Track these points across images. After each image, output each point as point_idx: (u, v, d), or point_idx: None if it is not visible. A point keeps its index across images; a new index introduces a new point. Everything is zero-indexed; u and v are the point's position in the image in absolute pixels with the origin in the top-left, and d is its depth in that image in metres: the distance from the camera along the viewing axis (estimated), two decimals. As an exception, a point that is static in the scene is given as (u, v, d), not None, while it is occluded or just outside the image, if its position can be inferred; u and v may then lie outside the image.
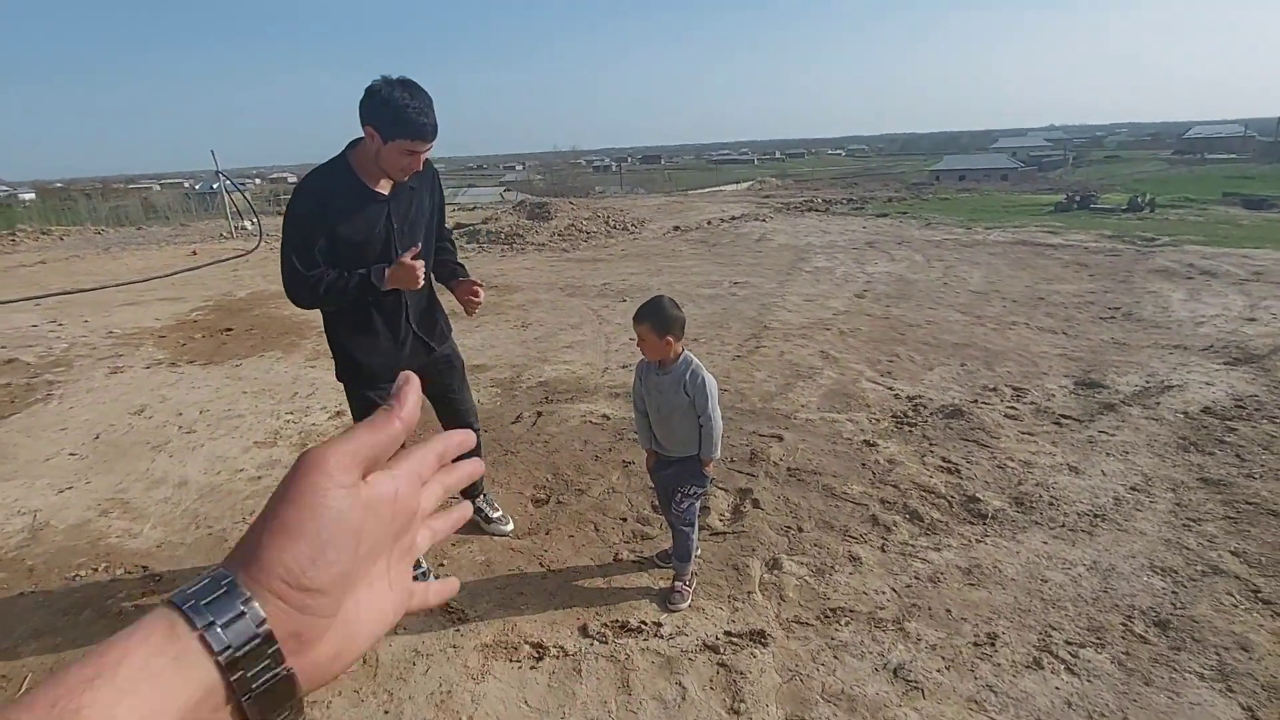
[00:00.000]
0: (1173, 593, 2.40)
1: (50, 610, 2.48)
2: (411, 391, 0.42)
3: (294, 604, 0.34)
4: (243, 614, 0.32)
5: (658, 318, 2.19)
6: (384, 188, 2.19)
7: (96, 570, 2.72)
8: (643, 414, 2.38)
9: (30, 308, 7.35)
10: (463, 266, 2.55)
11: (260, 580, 0.33)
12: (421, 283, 2.23)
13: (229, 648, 0.32)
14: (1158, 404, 3.95)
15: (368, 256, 2.20)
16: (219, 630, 0.32)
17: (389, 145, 2.02)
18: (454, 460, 0.45)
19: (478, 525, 2.89)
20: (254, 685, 0.32)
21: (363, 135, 2.06)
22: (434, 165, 2.38)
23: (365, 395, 2.38)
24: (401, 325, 2.37)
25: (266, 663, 0.33)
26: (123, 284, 8.56)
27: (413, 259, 2.17)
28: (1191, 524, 2.79)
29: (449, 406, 2.65)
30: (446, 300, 2.57)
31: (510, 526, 2.91)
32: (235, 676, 0.32)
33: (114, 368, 5.27)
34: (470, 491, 2.87)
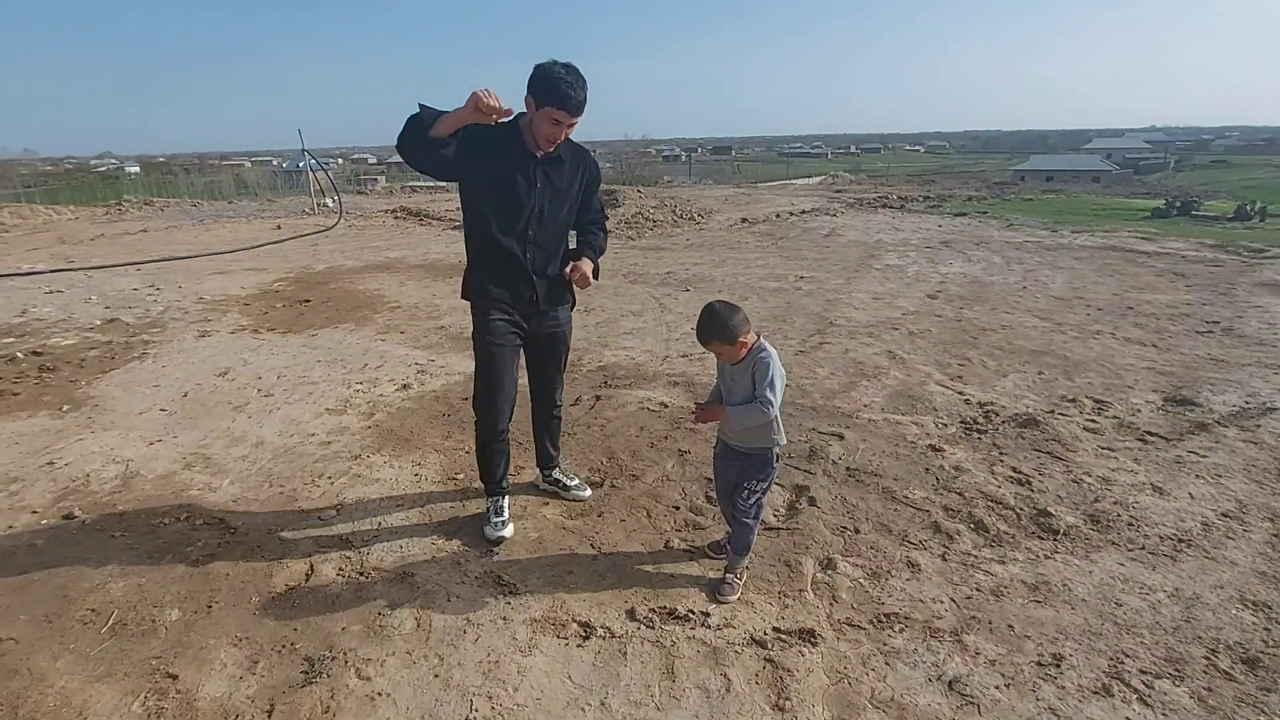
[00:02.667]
0: (1265, 629, 2.22)
1: (136, 553, 2.66)
2: None
3: None
4: None
5: (722, 331, 2.14)
6: (538, 152, 2.43)
7: (179, 519, 2.90)
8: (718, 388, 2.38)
9: (132, 272, 7.89)
10: (595, 248, 2.71)
11: None
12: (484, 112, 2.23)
13: None
14: (1258, 426, 3.66)
15: (504, 189, 2.43)
16: None
17: (540, 112, 2.28)
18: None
19: (557, 493, 3.04)
20: None
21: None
22: (592, 155, 2.64)
23: (488, 315, 2.58)
24: (529, 281, 2.58)
25: None
26: (213, 254, 9.08)
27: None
28: (1290, 557, 2.58)
29: (543, 380, 2.87)
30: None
31: (589, 492, 3.05)
32: None
33: (202, 331, 5.60)
34: (546, 463, 3.02)
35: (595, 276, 2.64)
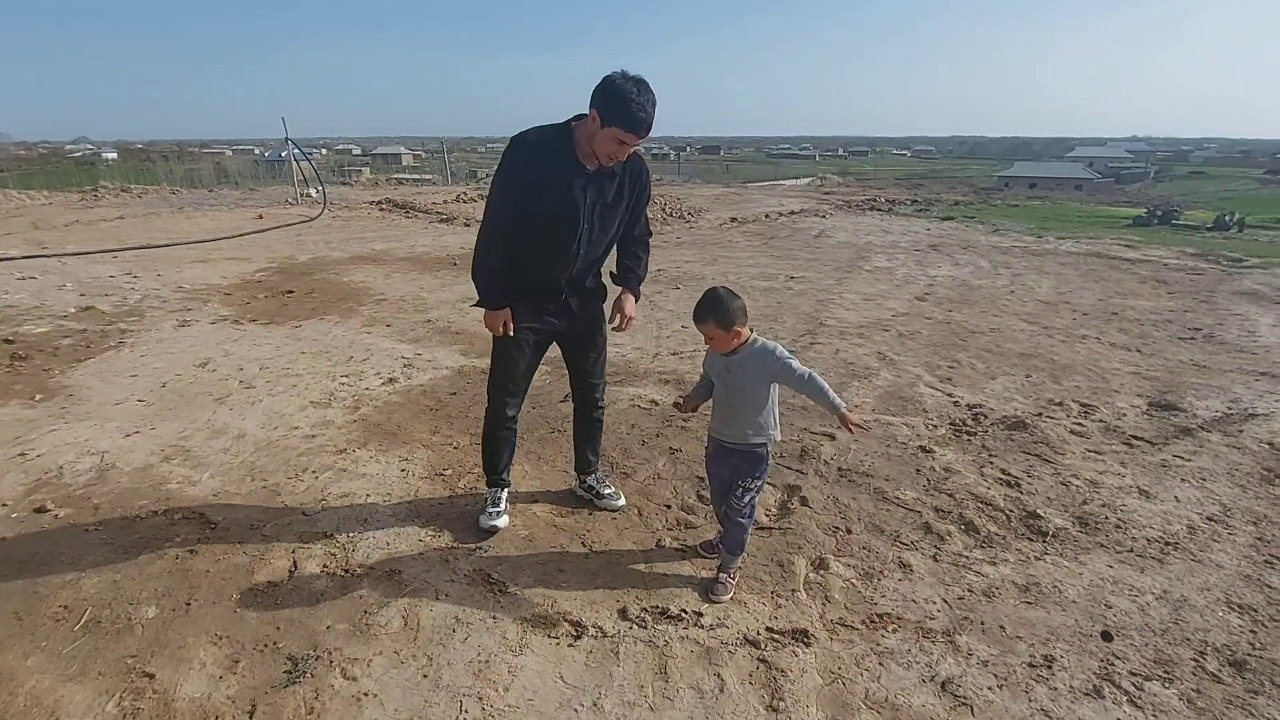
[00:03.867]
0: (1251, 632, 2.24)
1: (112, 548, 2.58)
2: None
3: None
4: None
5: (720, 312, 2.14)
6: (591, 166, 2.29)
7: (156, 514, 2.82)
8: (707, 380, 2.36)
9: (109, 260, 7.71)
10: (637, 278, 2.63)
11: None
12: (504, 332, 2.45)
13: None
14: (1240, 431, 3.70)
15: (555, 220, 2.31)
16: None
17: (605, 130, 2.14)
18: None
19: (590, 501, 2.93)
20: None
21: (587, 114, 2.19)
22: (645, 163, 2.49)
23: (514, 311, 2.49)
24: (561, 298, 2.51)
25: None
26: (194, 242, 8.90)
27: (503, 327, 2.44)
28: (1275, 561, 2.60)
29: (581, 376, 2.76)
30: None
31: (622, 502, 2.92)
32: None
33: (182, 321, 5.48)
34: (584, 468, 2.93)
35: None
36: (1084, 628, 2.25)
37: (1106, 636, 2.21)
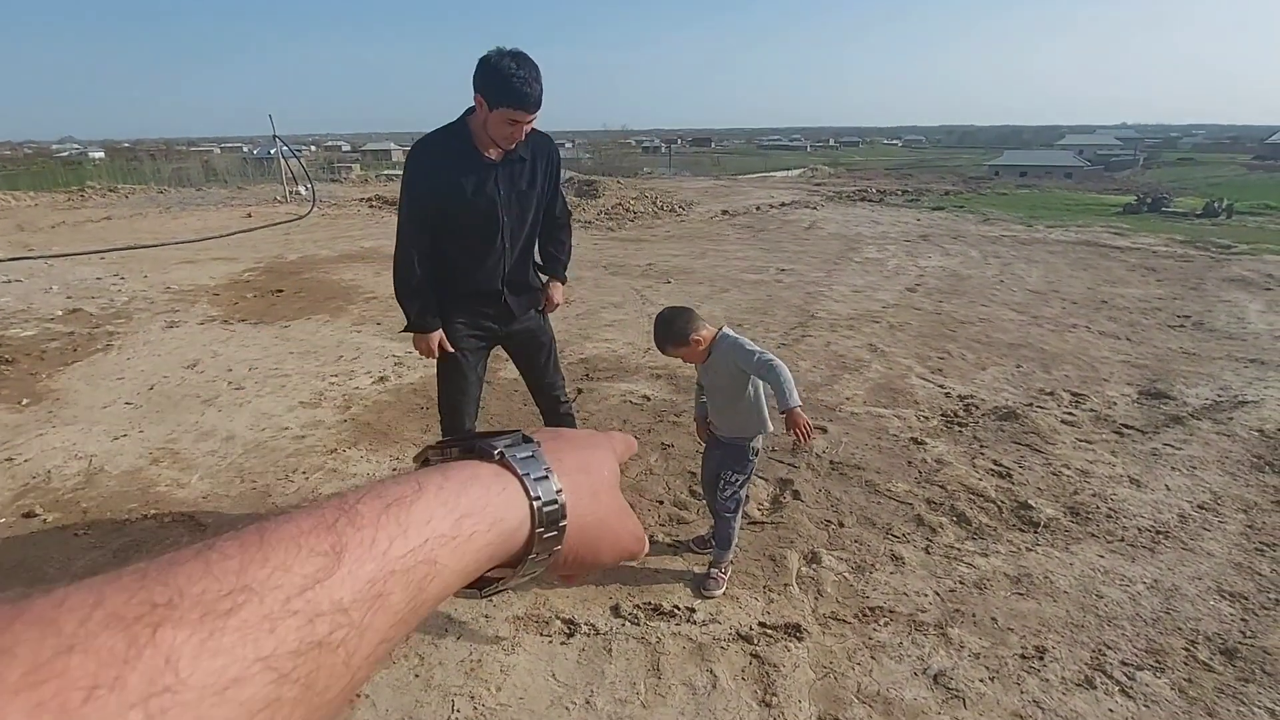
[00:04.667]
0: (1242, 620, 2.25)
1: (101, 551, 2.56)
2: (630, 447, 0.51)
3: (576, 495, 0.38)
4: (547, 477, 0.37)
5: (670, 333, 2.16)
6: (495, 155, 2.22)
7: (146, 517, 2.79)
8: (701, 387, 2.38)
9: (96, 261, 7.63)
10: (561, 264, 2.60)
11: (556, 468, 0.38)
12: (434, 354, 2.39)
13: (539, 499, 0.36)
14: (1230, 419, 3.72)
15: (473, 218, 2.26)
16: (534, 481, 0.36)
17: (494, 113, 2.06)
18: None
19: None
20: (544, 539, 0.36)
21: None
22: (553, 141, 2.41)
23: (449, 324, 2.41)
24: (500, 299, 2.43)
25: (555, 529, 0.36)
26: (181, 242, 8.82)
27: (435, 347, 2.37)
28: (1265, 548, 2.62)
29: (536, 378, 2.69)
30: None
31: None
32: (537, 526, 0.36)
33: (170, 322, 5.43)
34: None
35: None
36: (1075, 618, 2.26)
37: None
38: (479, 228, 2.28)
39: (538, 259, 2.56)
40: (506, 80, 2.00)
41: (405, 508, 0.30)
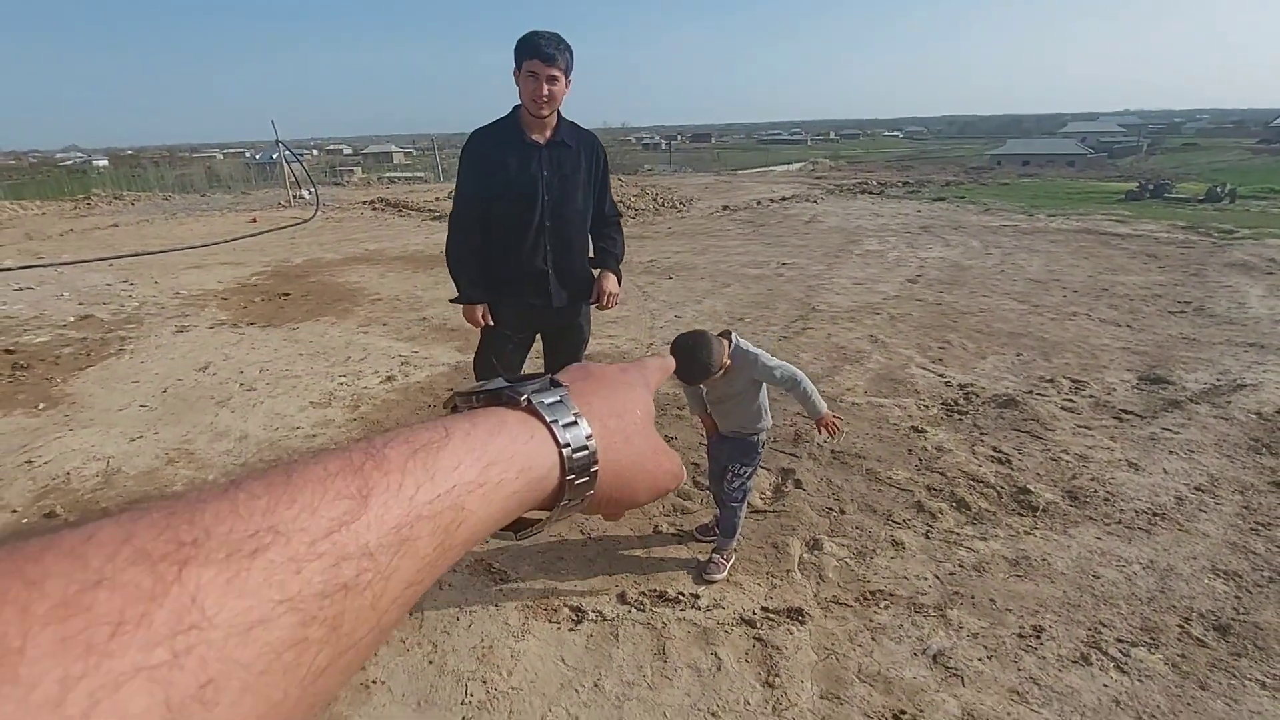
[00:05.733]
0: (1236, 598, 2.30)
1: (122, 549, 2.63)
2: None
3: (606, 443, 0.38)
4: (575, 423, 0.36)
5: (701, 371, 2.09)
6: (540, 139, 2.43)
7: (163, 515, 2.87)
8: (695, 391, 2.39)
9: (105, 268, 7.74)
10: (614, 257, 2.71)
11: (586, 412, 0.37)
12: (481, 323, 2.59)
13: (568, 445, 0.35)
14: (1229, 403, 3.76)
15: (516, 196, 2.44)
16: (562, 428, 0.36)
17: (520, 72, 2.29)
18: None
19: None
20: (575, 485, 0.36)
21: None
22: (599, 140, 2.61)
23: (498, 307, 2.61)
24: (545, 282, 2.58)
25: (586, 474, 0.36)
26: (188, 248, 8.92)
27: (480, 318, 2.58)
28: (1260, 528, 2.66)
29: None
30: None
31: None
32: (567, 473, 0.35)
33: (181, 326, 5.52)
34: None
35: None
36: (1072, 598, 2.31)
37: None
38: (521, 204, 2.44)
39: (591, 254, 2.71)
40: (528, 37, 2.26)
41: (432, 454, 0.30)
